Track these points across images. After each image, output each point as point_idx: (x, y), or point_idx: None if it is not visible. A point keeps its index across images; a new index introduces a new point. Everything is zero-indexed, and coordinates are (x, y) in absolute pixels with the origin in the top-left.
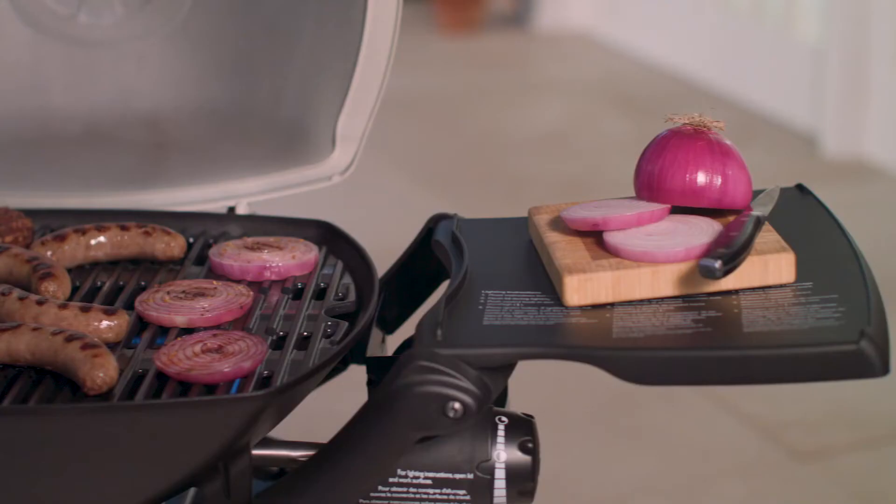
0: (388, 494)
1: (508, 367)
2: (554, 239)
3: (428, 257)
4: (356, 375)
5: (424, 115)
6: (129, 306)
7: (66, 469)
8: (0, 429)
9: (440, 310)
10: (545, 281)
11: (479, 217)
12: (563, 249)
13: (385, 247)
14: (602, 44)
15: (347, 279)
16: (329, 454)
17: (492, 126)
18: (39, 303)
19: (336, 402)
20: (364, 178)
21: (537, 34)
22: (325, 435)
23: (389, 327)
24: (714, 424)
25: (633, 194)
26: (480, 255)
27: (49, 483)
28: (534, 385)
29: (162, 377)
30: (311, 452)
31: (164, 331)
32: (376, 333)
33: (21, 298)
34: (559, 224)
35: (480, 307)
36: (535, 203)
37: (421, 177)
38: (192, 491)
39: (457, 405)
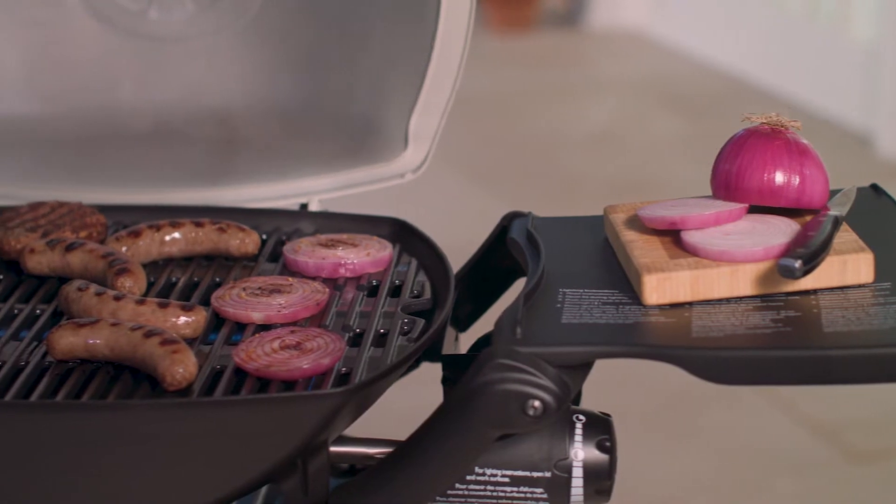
0: (466, 492)
1: (587, 366)
2: (631, 237)
3: (502, 255)
4: (424, 372)
5: (477, 114)
6: (205, 302)
7: (145, 464)
8: (80, 424)
9: (519, 308)
10: (622, 279)
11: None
12: (641, 248)
13: (440, 244)
14: (654, 42)
15: (422, 277)
16: (407, 451)
17: (544, 125)
18: (117, 298)
19: (404, 399)
20: (417, 176)
21: (590, 33)
22: (393, 431)
23: (462, 325)
24: (770, 424)
25: (691, 192)
26: (556, 254)
27: (127, 478)
28: (590, 385)
29: (240, 373)
30: (387, 450)
31: (240, 327)
32: (449, 331)
33: (98, 294)
34: (636, 223)
35: (558, 305)
36: (587, 202)
37: (473, 175)
38: (263, 490)
39: (536, 403)
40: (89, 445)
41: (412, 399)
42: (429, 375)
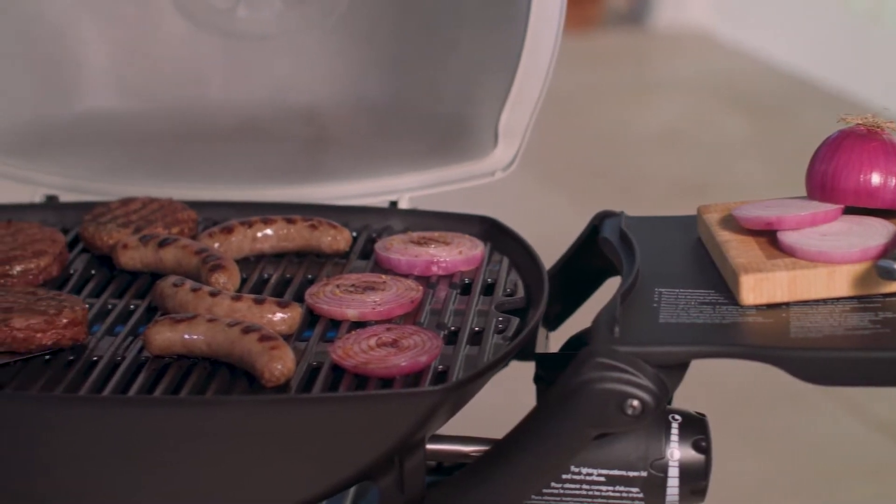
0: (561, 491)
1: (683, 366)
2: (726, 237)
3: (593, 255)
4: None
5: (542, 113)
6: (298, 299)
7: (243, 461)
8: (178, 420)
9: (616, 307)
10: (717, 279)
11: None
12: (737, 248)
13: None
14: (720, 42)
15: (514, 275)
16: (504, 450)
17: (608, 124)
18: (213, 294)
19: (487, 396)
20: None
21: (654, 32)
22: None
23: (551, 324)
24: (840, 425)
25: (757, 192)
26: (650, 253)
27: (225, 474)
28: None
29: (337, 370)
30: (483, 448)
31: (334, 324)
32: (539, 330)
33: (194, 290)
34: (730, 222)
35: (655, 305)
36: (653, 201)
37: (539, 174)
38: (352, 490)
39: (635, 402)
40: (187, 441)
41: (495, 396)
42: (514, 372)
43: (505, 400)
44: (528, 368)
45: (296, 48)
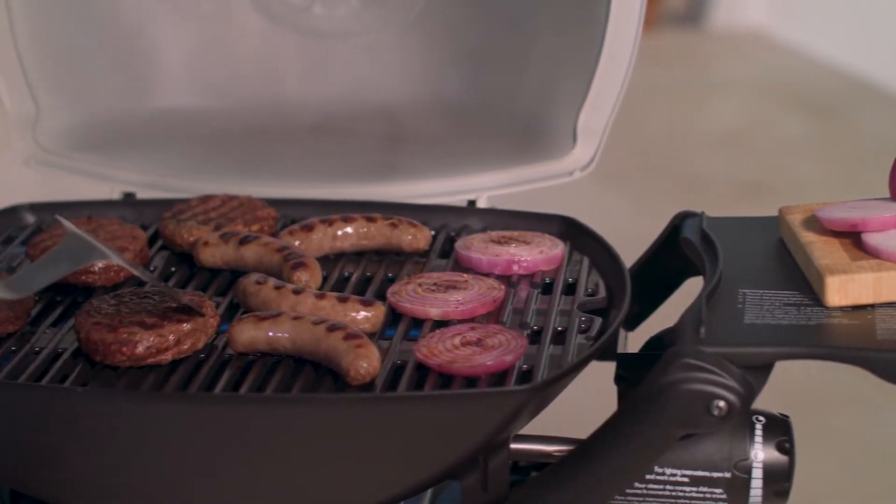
0: (644, 491)
1: (768, 367)
2: (810, 239)
3: (672, 255)
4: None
5: None
6: (379, 297)
7: (327, 459)
8: (264, 417)
9: (702, 307)
10: (801, 280)
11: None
12: (821, 249)
13: None
14: (778, 43)
15: (594, 275)
16: (588, 450)
17: (666, 124)
18: (296, 292)
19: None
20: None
21: (711, 32)
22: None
23: (630, 324)
24: None
25: (818, 194)
26: (732, 254)
27: (309, 473)
28: None
29: (421, 369)
30: (566, 448)
31: (416, 322)
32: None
33: (277, 288)
34: (813, 223)
35: (739, 306)
36: (713, 201)
37: (598, 174)
38: (429, 492)
39: (721, 403)
40: (272, 439)
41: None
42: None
43: (579, 399)
44: (602, 367)
45: (373, 46)
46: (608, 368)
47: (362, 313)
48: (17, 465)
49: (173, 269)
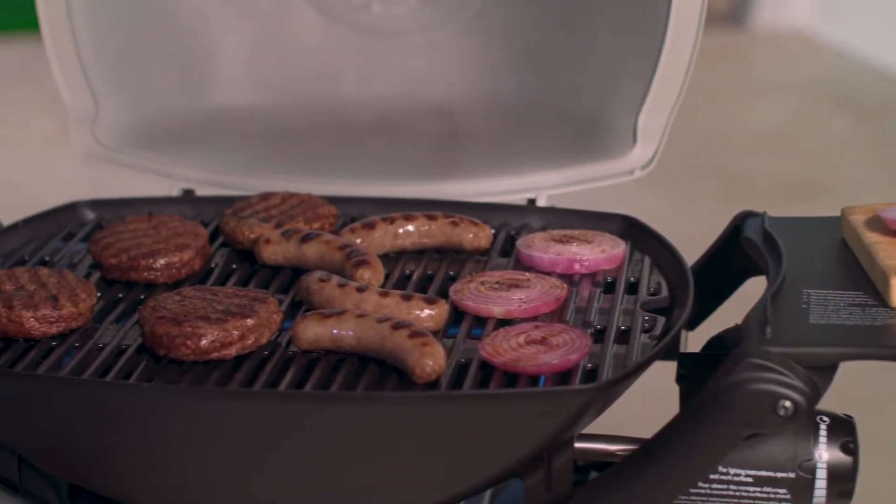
0: (708, 491)
1: (833, 368)
2: (874, 239)
3: (734, 255)
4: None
5: None
6: (441, 295)
7: (392, 457)
8: (329, 415)
9: (767, 307)
10: (864, 281)
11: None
12: (885, 250)
13: None
14: (821, 42)
15: (656, 274)
16: (653, 449)
17: (710, 124)
18: (360, 290)
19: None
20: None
21: (754, 32)
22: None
23: (690, 324)
24: None
25: (864, 195)
26: (794, 254)
27: (373, 470)
28: None
29: (485, 367)
30: (630, 447)
31: (479, 321)
32: None
33: (341, 285)
34: (877, 224)
35: (804, 306)
36: (758, 202)
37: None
38: (489, 491)
39: (787, 403)
40: (337, 437)
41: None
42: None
43: (636, 397)
44: (659, 366)
45: (430, 44)
46: (665, 367)
47: (426, 311)
48: (78, 461)
49: (234, 266)
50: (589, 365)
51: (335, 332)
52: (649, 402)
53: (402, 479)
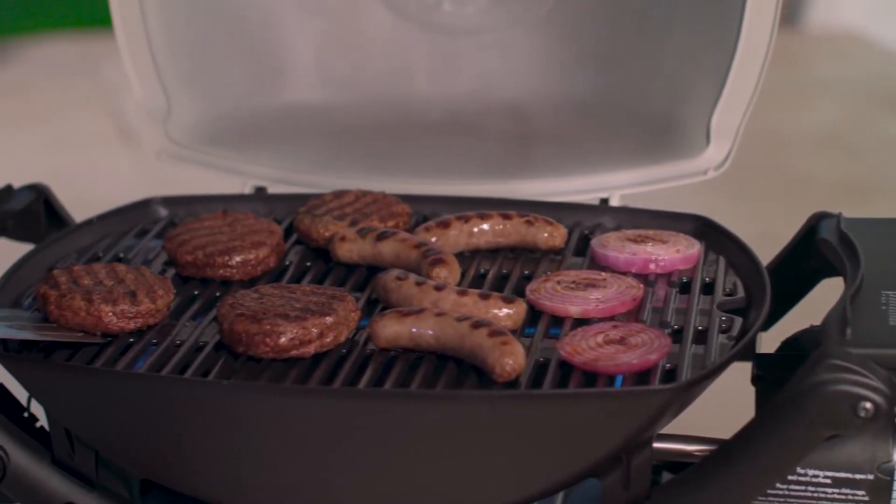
0: (786, 492)
1: None
2: None
3: (809, 255)
4: None
5: None
6: (517, 294)
7: (471, 455)
8: (409, 413)
9: (846, 308)
10: None
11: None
12: None
13: None
14: (874, 42)
15: (731, 275)
16: (732, 450)
17: (765, 125)
18: (437, 289)
19: None
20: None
21: (808, 33)
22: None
23: (764, 325)
24: None
25: None
26: (871, 255)
27: (453, 468)
28: None
29: (564, 366)
30: (708, 447)
31: (555, 320)
32: None
33: (419, 284)
34: None
35: (883, 308)
36: (813, 202)
37: None
38: (560, 494)
39: (868, 405)
40: (418, 435)
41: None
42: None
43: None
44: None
45: (501, 43)
46: (736, 367)
47: (504, 310)
48: (156, 457)
49: (308, 263)
50: (667, 365)
51: (414, 330)
52: (721, 403)
53: (480, 478)
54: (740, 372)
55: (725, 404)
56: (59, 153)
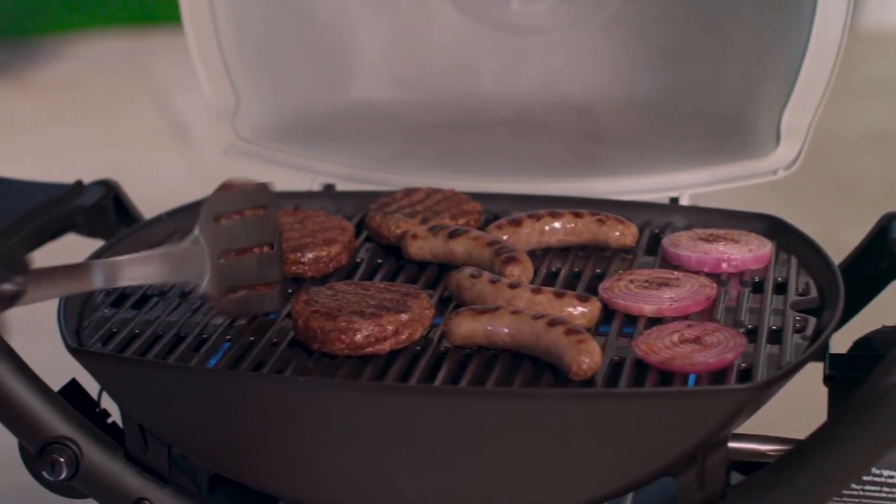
0: (861, 493)
1: None
2: None
3: (880, 256)
4: None
5: None
6: (589, 293)
7: (547, 453)
8: (486, 411)
9: None
10: None
11: None
12: None
13: None
14: None
15: (804, 275)
16: (807, 450)
17: (818, 123)
18: (512, 286)
19: None
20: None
21: (859, 33)
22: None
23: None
24: None
25: None
26: None
27: (528, 466)
28: None
29: (639, 365)
30: (782, 447)
31: (629, 319)
32: None
33: (493, 282)
34: None
35: None
36: (867, 203)
37: None
38: (630, 495)
39: None
40: (494, 433)
41: None
42: None
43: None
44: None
45: (568, 42)
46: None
47: (579, 308)
48: (228, 451)
49: (379, 261)
50: (742, 365)
51: (489, 328)
52: (790, 403)
53: (556, 476)
54: (811, 371)
55: (795, 404)
56: (111, 149)
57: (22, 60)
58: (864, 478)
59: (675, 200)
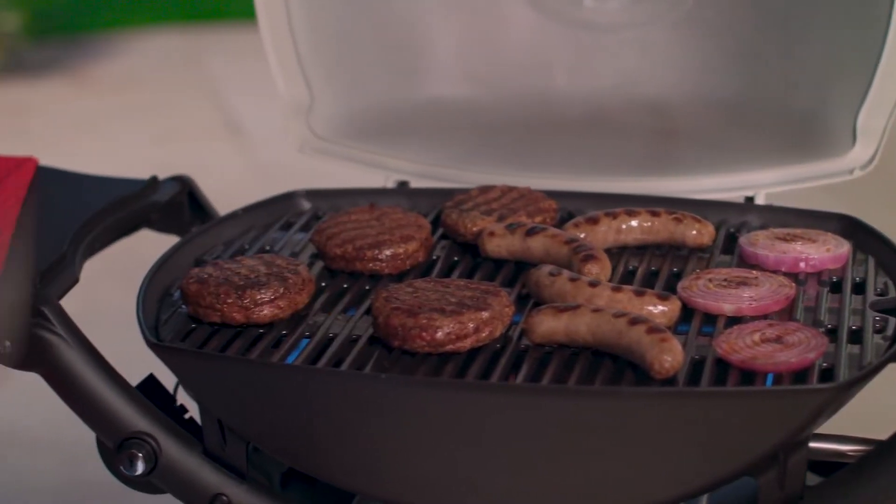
0: None
1: None
2: None
3: None
4: None
5: None
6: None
7: (627, 451)
8: (568, 409)
9: None
10: None
11: None
12: None
13: None
14: None
15: (882, 275)
16: (888, 451)
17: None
18: (592, 285)
19: None
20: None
21: None
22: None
23: None
24: None
25: None
26: None
27: (608, 465)
28: None
29: (720, 364)
30: (863, 448)
31: (708, 318)
32: None
33: (572, 280)
34: None
35: None
36: None
37: None
38: (705, 497)
39: None
40: (575, 431)
41: None
42: None
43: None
44: None
45: (642, 40)
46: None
47: (659, 307)
48: (307, 447)
49: (456, 258)
50: (824, 364)
51: (570, 326)
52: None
53: (637, 475)
54: (889, 371)
55: (874, 404)
56: (168, 146)
57: (80, 57)
58: None
59: (750, 199)
